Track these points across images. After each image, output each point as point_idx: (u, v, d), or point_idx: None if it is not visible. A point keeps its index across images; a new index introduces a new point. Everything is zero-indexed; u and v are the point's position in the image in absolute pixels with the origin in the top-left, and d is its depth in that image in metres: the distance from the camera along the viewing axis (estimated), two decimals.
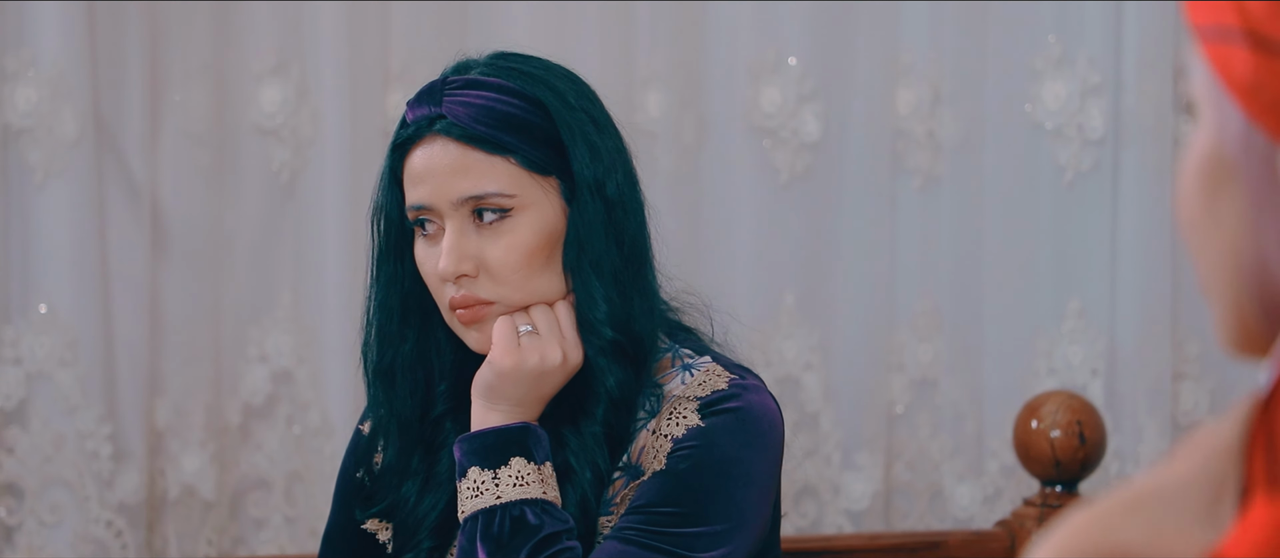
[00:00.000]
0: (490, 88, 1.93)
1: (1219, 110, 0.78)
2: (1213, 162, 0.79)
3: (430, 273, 1.95)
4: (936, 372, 3.05)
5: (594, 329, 1.94)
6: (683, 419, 1.92)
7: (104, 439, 2.80)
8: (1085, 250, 3.02)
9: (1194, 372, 3.07)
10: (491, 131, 1.92)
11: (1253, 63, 0.76)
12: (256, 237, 2.89)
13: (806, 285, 3.01)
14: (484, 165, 1.92)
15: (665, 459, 1.92)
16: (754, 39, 2.97)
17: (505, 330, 1.92)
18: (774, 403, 1.97)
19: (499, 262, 1.92)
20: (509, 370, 1.91)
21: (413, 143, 1.95)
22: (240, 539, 2.93)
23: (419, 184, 1.94)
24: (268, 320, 2.91)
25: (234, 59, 2.87)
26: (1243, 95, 0.77)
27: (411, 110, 1.95)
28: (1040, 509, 2.65)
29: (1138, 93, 2.99)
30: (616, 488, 1.94)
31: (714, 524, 1.90)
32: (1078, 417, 2.60)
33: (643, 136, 2.91)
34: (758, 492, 1.94)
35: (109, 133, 2.81)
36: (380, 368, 2.01)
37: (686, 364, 1.97)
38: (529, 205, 1.93)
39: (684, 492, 1.90)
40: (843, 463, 3.03)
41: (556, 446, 1.95)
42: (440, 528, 2.00)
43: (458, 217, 1.92)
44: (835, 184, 3.00)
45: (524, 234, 1.92)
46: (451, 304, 1.94)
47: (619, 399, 1.94)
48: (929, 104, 3.02)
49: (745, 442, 1.93)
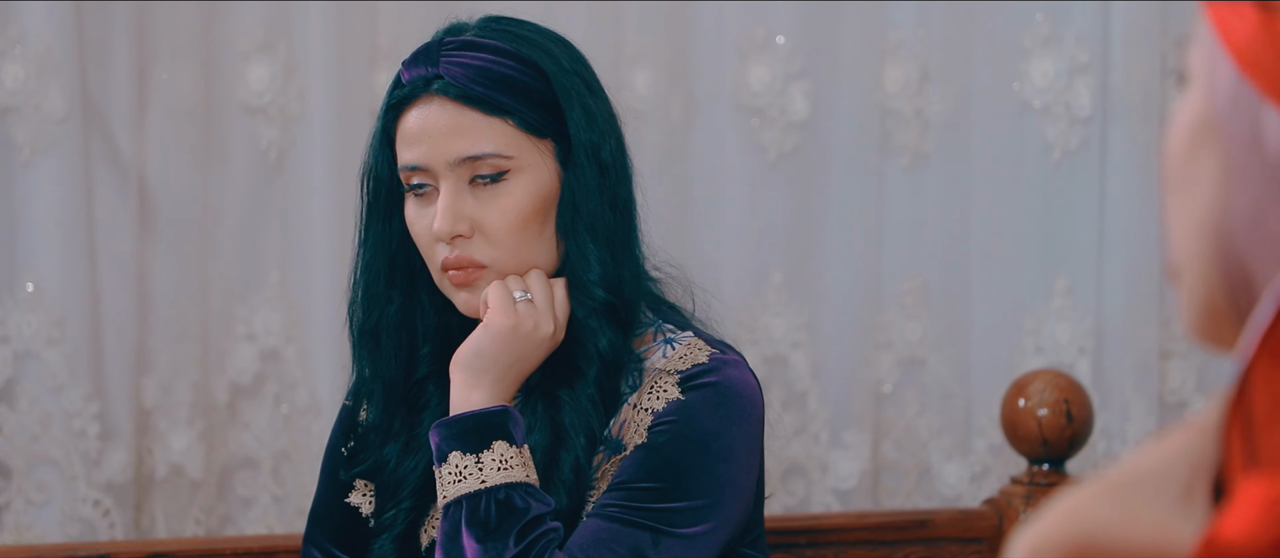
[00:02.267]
0: (488, 50, 1.94)
1: (1213, 71, 0.78)
2: (1199, 122, 0.79)
3: (422, 233, 1.95)
4: (924, 350, 3.05)
5: (587, 290, 1.95)
6: (663, 393, 1.93)
7: (91, 418, 2.80)
8: (1073, 229, 3.03)
9: (1181, 350, 3.08)
10: (490, 92, 1.92)
11: (1254, 18, 0.76)
12: (244, 215, 2.89)
13: (794, 264, 3.01)
14: (482, 126, 1.92)
15: (646, 433, 1.92)
16: (742, 18, 2.97)
17: (501, 294, 1.92)
18: (754, 379, 1.97)
19: (495, 224, 1.92)
20: (505, 332, 1.91)
21: (408, 102, 1.95)
22: (228, 518, 2.94)
23: (414, 144, 1.94)
24: (256, 299, 2.91)
25: (221, 37, 2.86)
26: (1238, 51, 0.77)
27: (407, 70, 1.95)
28: (1028, 488, 2.65)
29: (1125, 71, 2.99)
30: (598, 462, 1.94)
31: (695, 499, 1.90)
32: (1065, 395, 2.60)
33: (631, 115, 2.89)
34: (738, 467, 1.94)
35: (96, 110, 2.80)
36: (366, 328, 2.02)
37: (668, 338, 1.98)
38: (525, 168, 1.94)
39: (664, 467, 1.90)
40: (830, 441, 3.04)
41: (552, 406, 1.95)
42: (420, 489, 2.01)
43: (453, 177, 1.92)
44: (823, 162, 3.00)
45: (520, 196, 1.93)
46: (444, 265, 1.94)
47: (610, 361, 1.94)
48: (917, 82, 3.02)
49: (725, 416, 1.93)
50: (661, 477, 1.91)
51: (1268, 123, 0.76)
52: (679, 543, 1.90)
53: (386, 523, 2.03)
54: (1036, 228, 3.02)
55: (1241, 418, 0.75)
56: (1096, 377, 3.02)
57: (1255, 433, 0.74)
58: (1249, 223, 0.77)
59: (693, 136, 2.98)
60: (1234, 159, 0.77)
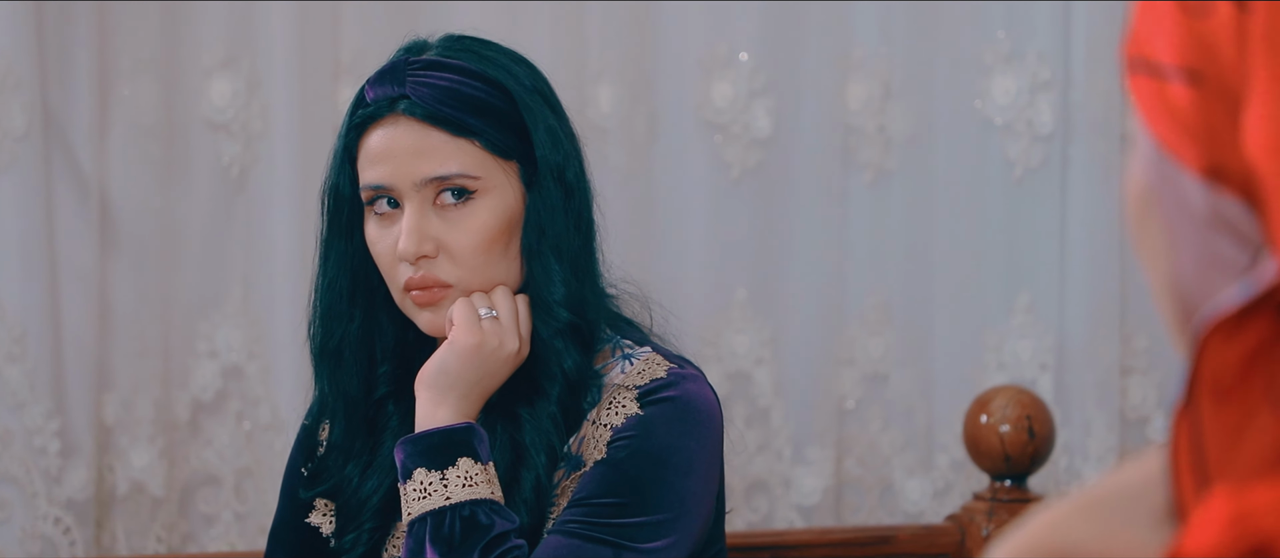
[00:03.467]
0: (453, 70, 1.94)
1: (1141, 138, 0.80)
2: (1140, 190, 0.81)
3: (384, 253, 1.95)
4: (887, 366, 3.06)
5: (551, 311, 1.94)
6: (622, 408, 1.93)
7: (52, 435, 2.79)
8: (1034, 245, 3.04)
9: (1142, 366, 3.09)
10: (456, 113, 1.92)
11: (1150, 87, 0.78)
12: (206, 231, 2.88)
13: (757, 280, 3.02)
14: (448, 147, 1.92)
15: (605, 449, 1.92)
16: (705, 34, 2.98)
17: (467, 311, 1.92)
18: (712, 393, 1.97)
19: (460, 244, 1.92)
20: (471, 349, 1.91)
21: (372, 121, 1.94)
22: (190, 536, 2.92)
23: (378, 163, 1.93)
24: (218, 316, 2.90)
25: (184, 53, 2.86)
26: (1150, 119, 0.79)
27: (371, 89, 1.95)
28: (990, 504, 2.66)
29: (1086, 89, 3.00)
30: (558, 479, 1.94)
31: (655, 514, 1.90)
32: (1027, 411, 2.61)
33: (594, 132, 2.91)
34: (698, 481, 1.94)
35: (57, 126, 2.79)
36: (327, 347, 2.01)
37: (627, 354, 1.97)
38: (491, 188, 1.93)
39: (624, 482, 1.90)
40: (793, 458, 3.04)
41: (512, 425, 1.95)
42: (382, 510, 2.01)
43: (418, 197, 1.92)
44: (786, 179, 3.01)
45: (485, 217, 1.93)
46: (407, 285, 1.93)
47: (575, 380, 1.94)
48: (880, 99, 3.03)
49: (684, 430, 1.93)
50: (622, 492, 1.91)
51: (1187, 186, 0.78)
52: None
53: (348, 545, 2.03)
54: (998, 245, 3.03)
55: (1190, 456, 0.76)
56: (1058, 393, 3.03)
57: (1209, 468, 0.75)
58: (1194, 276, 0.79)
59: (656, 153, 2.99)
60: (1172, 223, 0.79)
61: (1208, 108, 0.76)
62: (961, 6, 3.01)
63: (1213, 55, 0.75)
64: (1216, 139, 0.76)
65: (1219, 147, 0.76)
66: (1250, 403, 0.74)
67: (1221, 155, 0.76)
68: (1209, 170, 0.76)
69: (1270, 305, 0.74)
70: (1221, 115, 0.75)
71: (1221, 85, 0.75)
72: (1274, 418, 0.74)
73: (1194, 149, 0.77)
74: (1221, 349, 0.74)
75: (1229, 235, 0.77)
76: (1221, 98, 0.75)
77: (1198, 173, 0.77)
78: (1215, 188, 0.76)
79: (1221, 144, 0.76)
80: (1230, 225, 0.77)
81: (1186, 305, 0.80)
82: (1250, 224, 0.76)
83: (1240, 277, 0.76)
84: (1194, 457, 0.75)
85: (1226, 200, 0.76)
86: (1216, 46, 0.75)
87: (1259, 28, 0.73)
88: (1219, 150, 0.76)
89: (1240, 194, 0.76)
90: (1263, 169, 0.72)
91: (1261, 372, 0.74)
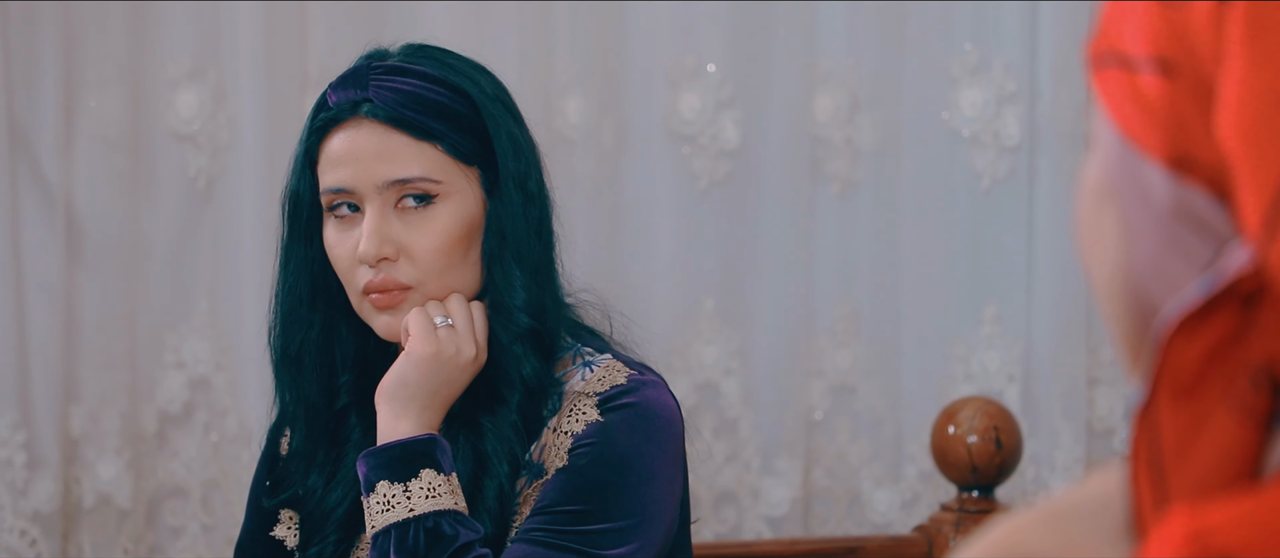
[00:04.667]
0: (416, 75, 1.95)
1: (1103, 132, 0.81)
2: (1098, 183, 0.81)
3: (343, 256, 1.95)
4: (855, 377, 3.06)
5: (511, 316, 1.95)
6: (582, 415, 1.93)
7: (18, 447, 2.78)
8: (1002, 257, 3.04)
9: (1109, 377, 3.10)
10: (419, 117, 1.93)
11: (1118, 79, 0.79)
12: (173, 243, 2.87)
13: (725, 291, 3.02)
14: (411, 150, 1.92)
15: (567, 456, 1.92)
16: (673, 45, 2.98)
17: (422, 320, 1.92)
18: (673, 400, 1.98)
19: (421, 248, 1.92)
20: (428, 358, 1.91)
21: (334, 125, 1.95)
22: (157, 548, 2.91)
23: (340, 166, 1.94)
24: (185, 327, 2.89)
25: (150, 64, 2.85)
26: (1115, 110, 0.79)
27: (334, 93, 1.95)
28: (957, 515, 2.66)
29: (1053, 100, 3.01)
30: (520, 487, 1.94)
31: (618, 520, 1.91)
32: (994, 422, 2.61)
33: (562, 142, 2.91)
34: (660, 487, 1.94)
35: (22, 137, 2.78)
36: (288, 354, 2.01)
37: (587, 361, 1.98)
38: (453, 193, 1.94)
39: (586, 490, 1.91)
40: (762, 469, 3.04)
41: (474, 434, 1.95)
42: (347, 521, 2.01)
43: (380, 201, 1.92)
44: (754, 190, 3.01)
45: (446, 221, 1.93)
46: (366, 288, 1.93)
47: (534, 387, 1.94)
48: (847, 111, 3.03)
49: (645, 436, 1.93)
50: (584, 499, 1.91)
51: (1150, 177, 0.78)
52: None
53: (313, 557, 2.03)
54: (966, 256, 3.04)
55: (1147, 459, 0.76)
56: (1025, 404, 3.04)
57: (1166, 471, 0.75)
58: (1151, 271, 0.79)
59: (624, 164, 2.99)
60: (1130, 214, 0.79)
61: (1178, 98, 0.76)
62: (929, 17, 3.01)
63: (1189, 46, 0.76)
64: (1185, 129, 0.76)
65: (1187, 137, 0.76)
66: (1207, 405, 0.74)
67: (1189, 145, 0.76)
68: (1175, 160, 0.77)
69: (1235, 299, 0.74)
70: (1192, 106, 0.76)
71: (1195, 76, 0.75)
72: (1230, 423, 0.74)
73: (1160, 139, 0.77)
74: (1184, 346, 0.74)
75: (1192, 228, 0.77)
76: (1194, 88, 0.76)
77: (1163, 163, 0.77)
78: (1180, 178, 0.77)
79: (1190, 134, 0.76)
80: (1194, 217, 0.77)
81: (1139, 300, 0.80)
82: (1216, 216, 0.76)
83: (1203, 270, 0.77)
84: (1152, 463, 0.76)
85: (1192, 192, 0.77)
86: (1193, 37, 0.75)
87: (1238, 19, 0.73)
88: (1187, 140, 0.76)
89: (1207, 185, 0.76)
90: (1235, 157, 0.73)
91: (1220, 372, 0.74)
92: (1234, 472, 0.74)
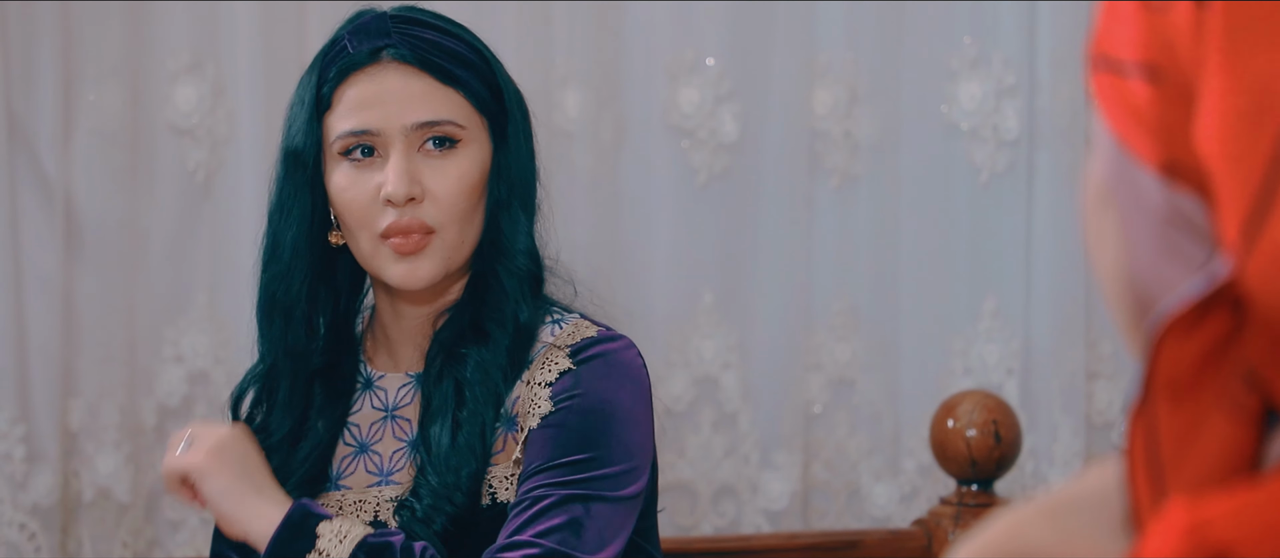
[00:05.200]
0: (433, 27, 2.00)
1: (1102, 136, 0.81)
2: (1098, 186, 0.82)
3: (358, 199, 1.97)
4: (854, 371, 3.06)
5: (514, 258, 2.00)
6: (554, 365, 1.96)
7: (17, 441, 2.78)
8: (1000, 250, 3.04)
9: (1108, 371, 3.10)
10: (444, 62, 1.98)
11: (1111, 84, 0.79)
12: (172, 236, 2.87)
13: (724, 285, 3.02)
14: (439, 94, 1.97)
15: (545, 410, 1.94)
16: (672, 39, 2.98)
17: (179, 462, 1.95)
18: (641, 359, 2.00)
19: (444, 190, 1.96)
20: (215, 463, 1.94)
21: (355, 69, 1.97)
22: (156, 541, 2.91)
23: (365, 108, 1.97)
24: (183, 321, 2.89)
25: (149, 58, 2.85)
26: (1111, 115, 0.79)
27: (354, 40, 1.97)
28: (956, 508, 2.66)
29: (1052, 94, 3.01)
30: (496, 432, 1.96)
31: (621, 463, 1.94)
32: (993, 416, 2.61)
33: (561, 136, 2.91)
34: (644, 430, 1.98)
35: (22, 132, 2.78)
36: (278, 302, 2.03)
37: (556, 319, 2.02)
38: (471, 141, 1.99)
39: (580, 439, 1.94)
40: (761, 462, 3.04)
41: (458, 365, 1.97)
42: (309, 481, 2.04)
43: (404, 143, 1.96)
44: (753, 184, 3.01)
45: (467, 165, 1.98)
46: (389, 231, 1.95)
47: (525, 331, 1.97)
48: (846, 105, 3.03)
49: (618, 384, 1.97)
50: (582, 448, 1.94)
51: (1143, 182, 0.78)
52: (608, 506, 1.91)
53: None
54: (964, 250, 3.04)
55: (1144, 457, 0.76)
56: (1024, 398, 3.04)
57: (1163, 469, 0.76)
58: (1149, 272, 0.79)
59: (623, 158, 2.99)
60: (1128, 218, 0.80)
61: (1165, 104, 0.76)
62: (927, 11, 3.01)
63: (1171, 51, 0.76)
64: (1173, 135, 0.76)
65: (1176, 143, 0.76)
66: (1203, 406, 0.75)
67: (1178, 151, 0.76)
68: (1166, 166, 0.77)
69: (1225, 302, 0.74)
70: (1178, 112, 0.76)
71: (1179, 82, 0.76)
72: (1226, 422, 0.74)
73: (1151, 145, 0.77)
74: (1177, 348, 0.75)
75: (1186, 231, 0.77)
76: (1179, 94, 0.76)
77: (1155, 169, 0.78)
78: (1172, 184, 0.77)
79: (1178, 140, 0.76)
80: (1187, 221, 0.77)
81: (1140, 300, 0.80)
82: (1207, 220, 0.77)
83: (1197, 271, 0.77)
84: (1149, 460, 0.76)
85: (1183, 197, 0.77)
86: (1175, 42, 0.76)
87: (1216, 24, 0.73)
88: (1176, 146, 0.76)
89: (1196, 190, 0.76)
90: (1213, 167, 0.73)
91: (1214, 374, 0.74)
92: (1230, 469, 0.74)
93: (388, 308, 2.06)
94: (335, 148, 1.98)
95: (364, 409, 2.07)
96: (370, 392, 2.07)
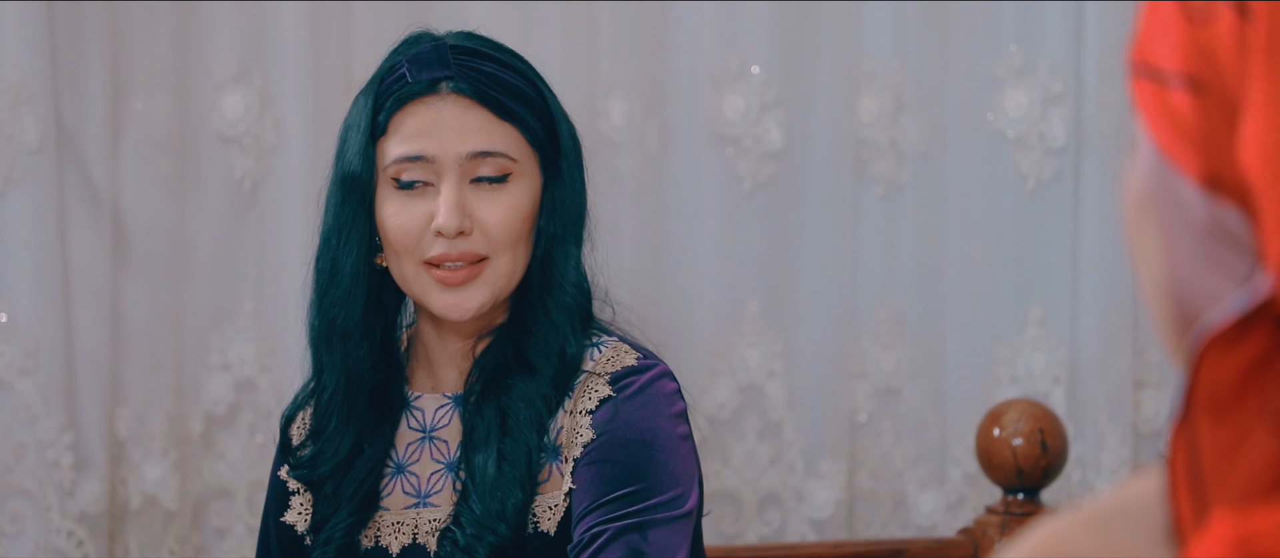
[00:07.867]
0: (493, 60, 2.01)
1: (1143, 144, 0.81)
2: (1139, 193, 0.81)
3: (405, 226, 1.98)
4: (899, 380, 3.06)
5: (565, 291, 2.01)
6: (594, 393, 1.97)
7: (65, 449, 2.79)
8: (1047, 259, 3.03)
9: (1155, 379, 3.08)
10: (502, 97, 1.99)
11: (1153, 93, 0.78)
12: (219, 244, 2.88)
13: (769, 293, 3.01)
14: (495, 127, 1.98)
15: (589, 433, 1.95)
16: (717, 47, 2.98)
17: None
18: (675, 383, 2.02)
19: (496, 220, 1.98)
20: None
21: (413, 98, 1.98)
22: (202, 549, 2.92)
23: (421, 137, 1.98)
24: (230, 329, 2.90)
25: (196, 67, 2.86)
26: (1153, 126, 0.79)
27: (413, 69, 1.98)
28: (1003, 517, 2.65)
29: (1098, 102, 3.00)
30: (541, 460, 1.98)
31: (670, 490, 1.94)
32: (1040, 425, 2.60)
33: (606, 144, 2.91)
34: (684, 458, 1.98)
35: (70, 141, 2.80)
36: (336, 327, 2.03)
37: (594, 343, 2.02)
38: (524, 175, 2.00)
39: (627, 471, 1.95)
40: (806, 471, 3.04)
41: (503, 394, 1.98)
42: (362, 504, 2.04)
43: (457, 174, 1.97)
44: (798, 192, 3.01)
45: (520, 198, 1.99)
46: (436, 260, 1.96)
47: (570, 364, 1.98)
48: (891, 112, 3.02)
49: (656, 413, 1.97)
50: (631, 480, 1.95)
51: (1185, 193, 0.78)
52: (664, 529, 1.92)
53: (323, 540, 2.05)
54: (1010, 258, 3.03)
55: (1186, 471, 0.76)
56: (1071, 406, 3.03)
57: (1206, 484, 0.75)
58: (1191, 282, 0.79)
59: (668, 166, 2.99)
60: (1170, 228, 0.79)
61: (1208, 116, 0.76)
62: (973, 18, 3.00)
63: (1214, 63, 0.75)
64: (1216, 148, 0.76)
65: (1218, 156, 0.76)
66: (1245, 420, 0.74)
67: (1220, 165, 0.76)
68: (1208, 179, 0.76)
69: (1268, 318, 0.74)
70: (1221, 124, 0.75)
71: (1222, 94, 0.75)
72: (1269, 437, 0.74)
73: (1194, 157, 0.77)
74: (1219, 362, 0.74)
75: (1228, 244, 0.77)
76: (1222, 106, 0.75)
77: (1197, 181, 0.77)
78: (1214, 197, 0.76)
79: (1221, 153, 0.76)
80: (1229, 234, 0.77)
81: (1182, 310, 0.80)
82: (1249, 233, 0.76)
83: (1240, 284, 0.76)
84: (1191, 475, 0.75)
85: (1225, 209, 0.76)
86: (1217, 54, 0.75)
87: (1260, 37, 0.73)
88: (1218, 159, 0.76)
89: (1239, 204, 0.76)
90: (1257, 183, 0.72)
91: (1256, 388, 0.74)
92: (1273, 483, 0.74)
93: (431, 331, 2.06)
94: (388, 173, 2.00)
95: (401, 430, 2.07)
96: (407, 412, 2.07)
